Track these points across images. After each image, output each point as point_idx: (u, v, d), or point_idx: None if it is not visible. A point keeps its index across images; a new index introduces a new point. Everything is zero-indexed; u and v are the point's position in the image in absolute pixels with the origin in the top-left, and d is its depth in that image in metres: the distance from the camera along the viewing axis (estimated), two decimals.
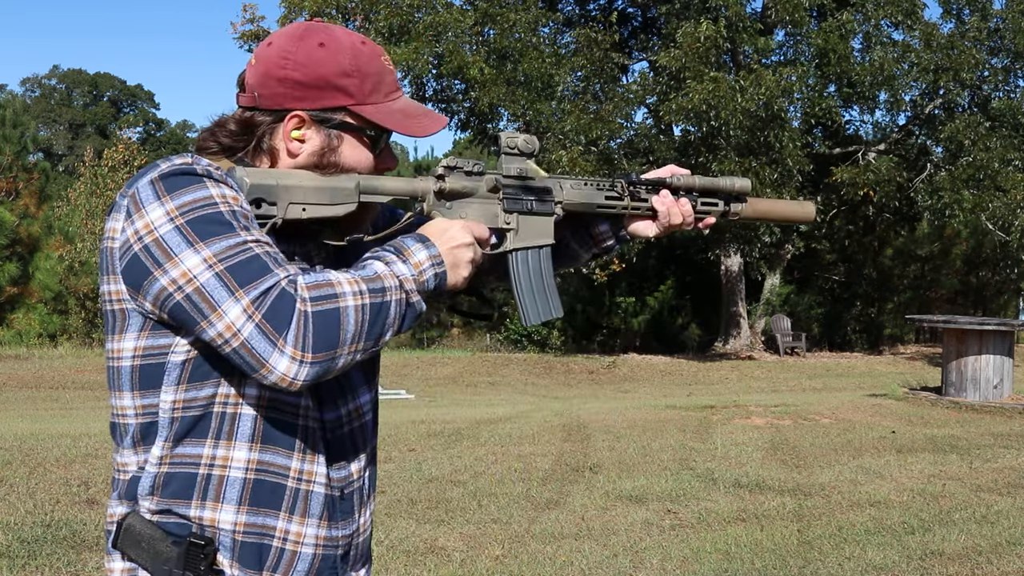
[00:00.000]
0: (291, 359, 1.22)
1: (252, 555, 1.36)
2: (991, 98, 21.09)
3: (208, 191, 1.29)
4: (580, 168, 18.50)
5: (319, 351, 1.24)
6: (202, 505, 1.34)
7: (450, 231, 1.42)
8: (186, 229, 1.26)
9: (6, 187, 21.73)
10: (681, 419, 9.93)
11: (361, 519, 1.51)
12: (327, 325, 1.24)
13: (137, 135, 48.44)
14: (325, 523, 1.42)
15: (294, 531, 1.39)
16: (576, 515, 5.79)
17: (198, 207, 1.27)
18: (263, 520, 1.37)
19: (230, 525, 1.35)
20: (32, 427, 8.70)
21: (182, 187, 1.28)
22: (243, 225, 1.28)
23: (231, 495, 1.35)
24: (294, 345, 1.22)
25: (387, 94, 1.47)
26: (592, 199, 1.59)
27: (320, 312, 1.24)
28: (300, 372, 1.23)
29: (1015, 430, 9.55)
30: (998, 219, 19.33)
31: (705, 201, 1.66)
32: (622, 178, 1.63)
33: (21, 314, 20.92)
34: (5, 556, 4.50)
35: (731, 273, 22.68)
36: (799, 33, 20.61)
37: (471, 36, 19.78)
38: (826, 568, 4.82)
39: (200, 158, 1.37)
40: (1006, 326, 11.75)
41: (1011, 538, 5.38)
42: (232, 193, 1.31)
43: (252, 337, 1.22)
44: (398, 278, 1.32)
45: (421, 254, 1.37)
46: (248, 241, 1.26)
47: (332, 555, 1.43)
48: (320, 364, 1.24)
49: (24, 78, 68.55)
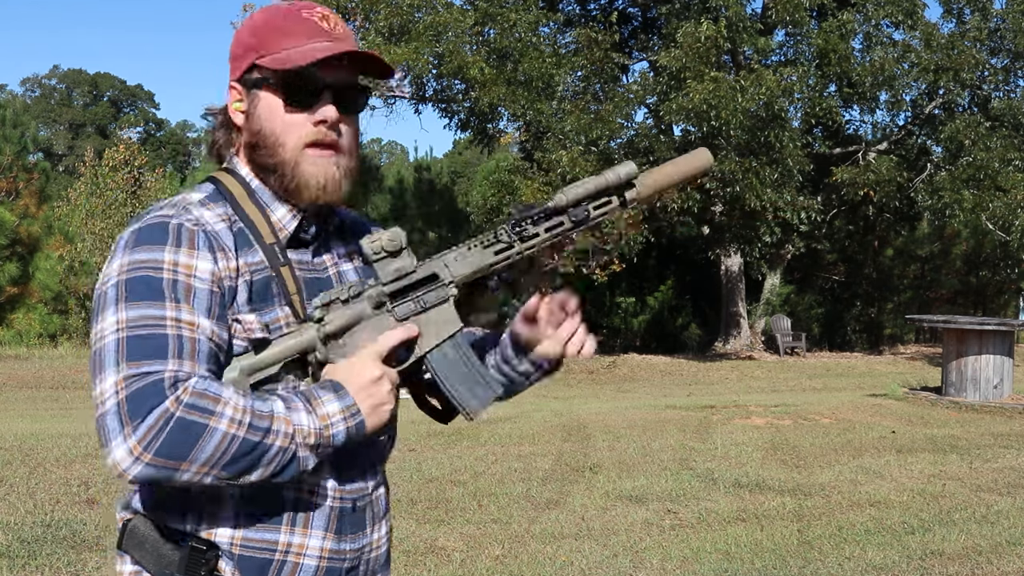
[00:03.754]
0: (129, 451, 1.18)
1: (253, 567, 1.34)
2: (991, 98, 21.07)
3: (161, 254, 1.30)
4: (580, 168, 18.49)
5: (161, 456, 1.19)
6: (198, 521, 1.34)
7: (357, 368, 1.34)
8: (122, 288, 1.28)
9: (6, 187, 21.73)
10: (681, 419, 9.92)
11: (375, 534, 1.48)
12: (184, 436, 1.19)
13: (137, 135, 48.48)
14: (332, 535, 1.39)
15: (296, 543, 1.36)
16: (576, 515, 5.79)
17: (142, 268, 1.29)
18: (262, 535, 1.35)
19: (228, 539, 1.34)
20: (32, 427, 8.70)
21: (144, 243, 1.31)
22: (175, 298, 1.27)
23: (227, 512, 1.34)
24: (139, 439, 1.18)
25: (302, 40, 1.40)
26: (482, 262, 1.45)
27: (185, 421, 1.19)
28: (132, 468, 1.19)
29: (1015, 430, 9.55)
30: (998, 219, 19.31)
31: (598, 205, 1.49)
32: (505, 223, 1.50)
33: (21, 314, 20.93)
34: (5, 556, 4.50)
35: (731, 273, 22.67)
36: (799, 33, 20.59)
37: (471, 36, 19.76)
38: (826, 568, 4.81)
39: (184, 211, 1.36)
40: (1006, 326, 11.75)
41: (1011, 538, 5.38)
42: (186, 261, 1.30)
43: (109, 413, 1.20)
44: (293, 427, 1.26)
45: (332, 406, 1.30)
46: (167, 318, 1.25)
47: (338, 568, 1.40)
48: (157, 469, 1.19)
49: (24, 78, 68.61)
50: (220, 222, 1.38)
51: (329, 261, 1.50)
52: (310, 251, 1.48)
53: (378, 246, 1.39)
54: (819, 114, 19.93)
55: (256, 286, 1.38)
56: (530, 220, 1.47)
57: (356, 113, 1.47)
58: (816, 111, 19.78)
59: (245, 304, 1.36)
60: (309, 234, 1.47)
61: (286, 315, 1.39)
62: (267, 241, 1.41)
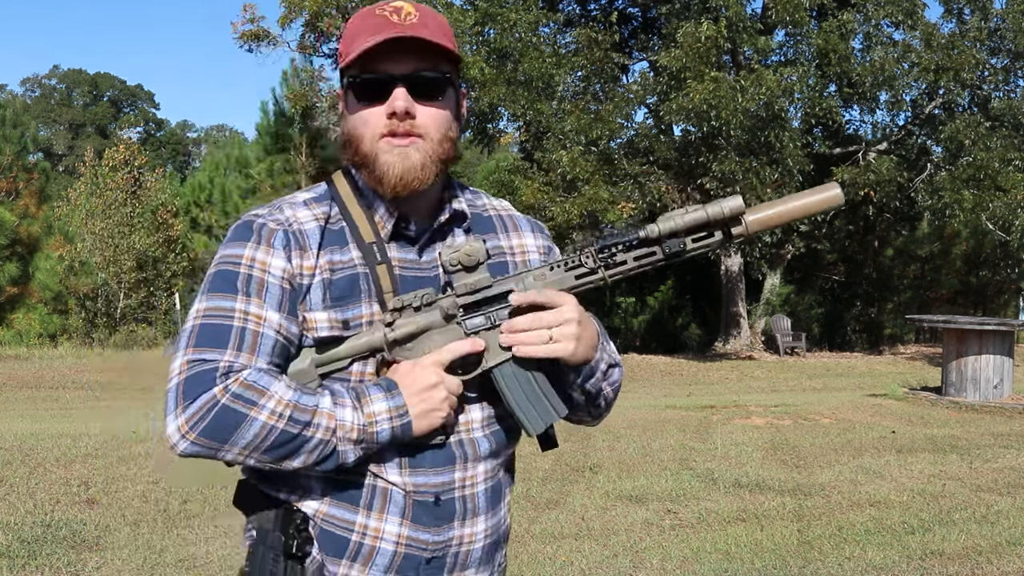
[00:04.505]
0: (177, 428, 1.30)
1: (332, 543, 1.42)
2: (991, 98, 21.07)
3: (243, 250, 1.41)
4: (580, 168, 18.50)
5: (204, 437, 1.30)
6: (290, 491, 1.43)
7: (416, 372, 1.39)
8: (211, 277, 1.42)
9: (6, 187, 21.75)
10: (681, 419, 9.92)
11: (466, 528, 1.48)
12: (226, 422, 1.29)
13: (137, 135, 48.49)
14: (408, 523, 1.43)
15: (373, 527, 1.42)
16: (576, 515, 5.79)
17: (226, 262, 1.41)
18: (343, 514, 1.42)
19: (313, 511, 1.42)
20: (32, 427, 8.70)
21: (234, 239, 1.43)
22: (247, 292, 1.38)
23: (316, 488, 1.42)
24: (187, 419, 1.29)
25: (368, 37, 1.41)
26: (562, 285, 1.44)
27: (229, 408, 1.29)
28: (180, 444, 1.31)
29: (1015, 430, 9.55)
30: (998, 219, 19.31)
31: (697, 238, 1.45)
32: (591, 246, 1.47)
33: (21, 314, 20.95)
34: (5, 556, 4.50)
35: (731, 273, 22.67)
36: (799, 33, 20.59)
37: (471, 36, 19.77)
38: (826, 568, 4.81)
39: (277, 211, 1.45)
40: (1006, 326, 11.75)
41: (1011, 538, 5.38)
42: (263, 258, 1.40)
43: (171, 391, 1.32)
44: (336, 423, 1.33)
45: (379, 405, 1.36)
46: (236, 310, 1.36)
47: (418, 557, 1.43)
48: (201, 447, 1.31)
49: (24, 78, 68.64)
50: (313, 221, 1.45)
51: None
52: (416, 249, 1.48)
53: (455, 259, 1.41)
54: (819, 114, 19.94)
55: (339, 284, 1.42)
56: (619, 247, 1.46)
57: (434, 99, 1.45)
58: (816, 111, 19.78)
59: (320, 302, 1.41)
60: (411, 231, 1.48)
61: (371, 313, 1.43)
62: (367, 240, 1.45)
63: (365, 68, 1.43)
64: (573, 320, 1.41)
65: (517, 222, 1.61)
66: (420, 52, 1.43)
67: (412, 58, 1.42)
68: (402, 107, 1.41)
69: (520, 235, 1.60)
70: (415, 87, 1.43)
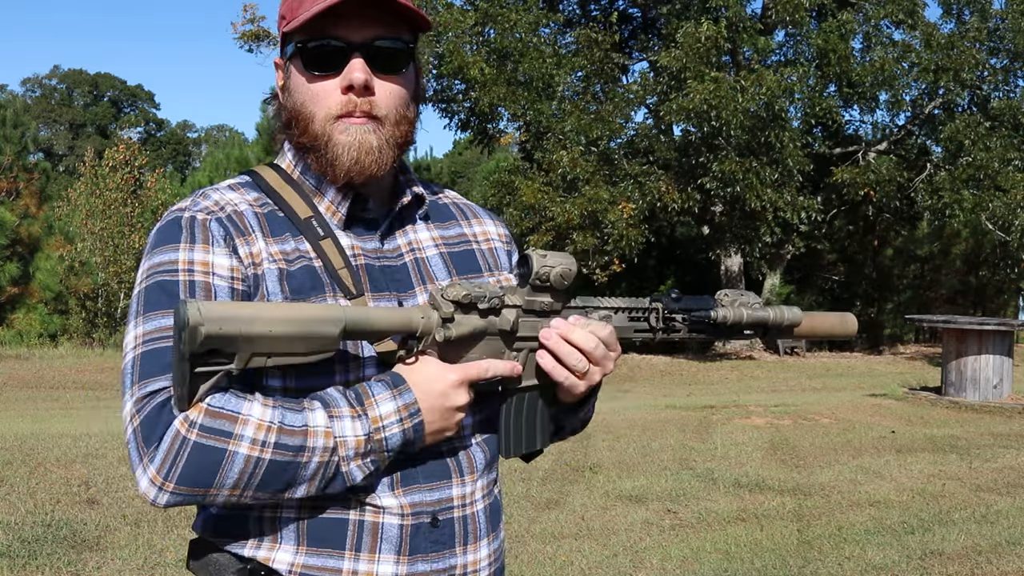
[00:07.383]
0: (151, 482, 1.11)
1: None
2: (991, 98, 21.08)
3: (175, 254, 1.20)
4: (581, 168, 18.49)
5: (185, 484, 1.10)
6: (258, 545, 1.22)
7: (433, 369, 1.20)
8: (141, 297, 1.20)
9: (6, 187, 21.75)
10: (681, 419, 9.93)
11: (469, 555, 1.29)
12: (203, 463, 1.10)
13: (137, 135, 48.49)
14: (405, 559, 1.22)
15: (363, 571, 1.21)
16: (576, 515, 5.79)
17: (158, 272, 1.20)
18: (324, 562, 1.21)
19: (287, 566, 1.21)
20: (32, 427, 8.70)
21: (160, 244, 1.23)
22: None
23: (288, 534, 1.22)
24: (157, 468, 1.10)
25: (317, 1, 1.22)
26: (622, 334, 1.38)
27: (200, 446, 1.10)
28: (160, 498, 1.12)
29: (1015, 430, 9.55)
30: (998, 219, 19.31)
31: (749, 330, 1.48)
32: (659, 301, 1.42)
33: (21, 314, 20.94)
34: (5, 556, 4.51)
35: (731, 273, 22.67)
36: (799, 33, 20.60)
37: (471, 36, 19.77)
38: (826, 568, 4.82)
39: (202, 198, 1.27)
40: (1006, 326, 11.75)
41: (1011, 538, 5.38)
42: (202, 258, 1.20)
43: (129, 441, 1.14)
44: (335, 440, 1.14)
45: (386, 406, 1.17)
46: None
47: None
48: (184, 496, 1.11)
49: (24, 78, 68.61)
50: (245, 204, 1.28)
51: (406, 247, 1.36)
52: (377, 236, 1.34)
53: (544, 274, 1.25)
54: (819, 114, 19.95)
55: (297, 275, 1.24)
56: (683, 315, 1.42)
57: (395, 72, 1.28)
58: (816, 111, 19.79)
59: (278, 294, 1.23)
60: (369, 211, 1.33)
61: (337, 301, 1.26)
62: (302, 216, 1.28)
63: (316, 33, 1.23)
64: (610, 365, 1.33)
65: (475, 210, 1.49)
66: (381, 17, 1.25)
67: (372, 24, 1.24)
68: (360, 80, 1.23)
69: (481, 223, 1.48)
70: (373, 58, 1.25)
